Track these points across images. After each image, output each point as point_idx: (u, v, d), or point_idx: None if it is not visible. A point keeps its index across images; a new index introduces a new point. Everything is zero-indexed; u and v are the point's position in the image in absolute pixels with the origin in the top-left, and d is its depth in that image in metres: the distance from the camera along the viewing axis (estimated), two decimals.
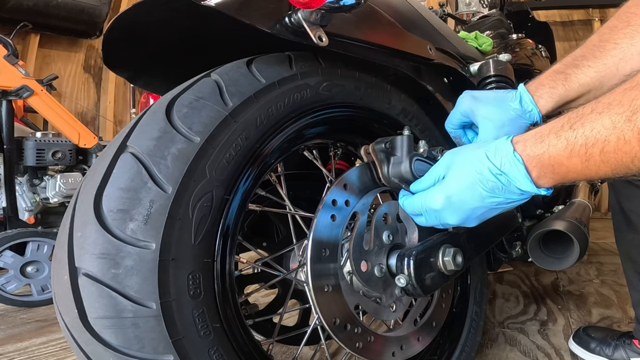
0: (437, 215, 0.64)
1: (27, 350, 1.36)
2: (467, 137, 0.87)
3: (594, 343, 1.18)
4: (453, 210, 0.62)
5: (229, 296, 0.62)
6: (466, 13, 2.11)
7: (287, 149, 0.72)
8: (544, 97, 0.77)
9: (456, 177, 0.61)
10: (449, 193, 0.62)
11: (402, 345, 0.78)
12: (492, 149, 0.58)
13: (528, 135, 0.57)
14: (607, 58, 0.72)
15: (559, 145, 0.52)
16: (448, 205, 0.62)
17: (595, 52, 0.74)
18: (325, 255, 0.67)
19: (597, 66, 0.73)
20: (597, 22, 3.79)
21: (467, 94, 0.81)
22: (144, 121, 0.58)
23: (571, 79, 0.76)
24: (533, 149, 0.55)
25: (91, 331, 0.51)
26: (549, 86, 0.77)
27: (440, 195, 0.62)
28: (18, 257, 1.73)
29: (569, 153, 0.51)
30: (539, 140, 0.55)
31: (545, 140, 0.54)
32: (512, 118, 0.77)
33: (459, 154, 0.63)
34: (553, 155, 0.53)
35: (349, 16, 0.72)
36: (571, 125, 0.52)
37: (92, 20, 3.74)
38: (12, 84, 1.78)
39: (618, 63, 0.71)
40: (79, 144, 1.96)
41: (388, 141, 0.71)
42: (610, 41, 0.72)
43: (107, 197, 0.53)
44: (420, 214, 0.67)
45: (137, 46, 0.76)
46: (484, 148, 0.59)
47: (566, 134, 0.52)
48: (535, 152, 0.55)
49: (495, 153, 0.58)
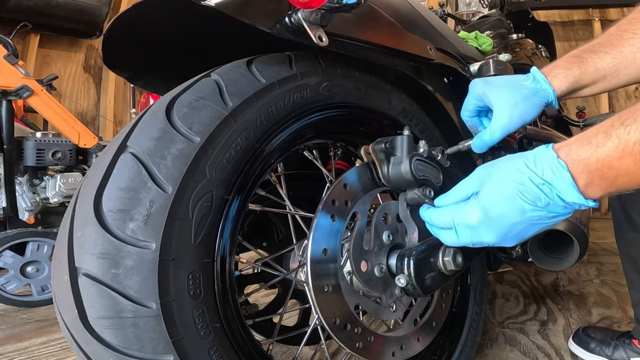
0: (472, 233, 0.59)
1: (27, 350, 1.36)
2: (483, 125, 0.84)
3: (593, 343, 1.18)
4: (491, 227, 0.56)
5: (229, 296, 0.62)
6: (466, 13, 2.11)
7: (287, 149, 0.72)
8: (558, 77, 0.76)
9: (493, 189, 0.56)
10: (486, 206, 0.56)
11: (402, 345, 0.78)
12: (532, 157, 0.53)
13: (572, 140, 0.52)
14: (624, 46, 0.72)
15: (608, 145, 0.47)
16: (485, 221, 0.56)
17: (612, 40, 0.74)
18: (325, 255, 0.67)
19: (614, 53, 0.73)
20: (597, 22, 3.79)
21: (478, 80, 0.80)
22: (144, 121, 0.58)
23: (587, 63, 0.75)
24: (579, 152, 0.50)
25: (91, 331, 0.51)
26: (564, 67, 0.76)
27: (477, 209, 0.57)
28: (18, 257, 1.73)
29: (620, 152, 0.47)
30: (586, 142, 0.50)
31: (592, 141, 0.49)
32: (525, 96, 0.75)
33: (494, 166, 0.58)
34: (602, 157, 0.48)
35: (349, 16, 0.72)
36: (622, 121, 0.47)
37: (92, 20, 3.74)
38: (12, 84, 1.78)
39: (635, 52, 0.71)
40: (79, 144, 1.96)
41: (388, 141, 0.71)
42: (628, 31, 0.72)
43: (107, 197, 0.53)
44: (451, 227, 0.61)
45: (137, 46, 0.76)
46: (522, 158, 0.54)
47: (617, 131, 0.47)
48: (581, 156, 0.49)
49: (536, 161, 0.52)
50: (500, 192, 0.54)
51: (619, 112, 0.49)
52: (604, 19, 3.79)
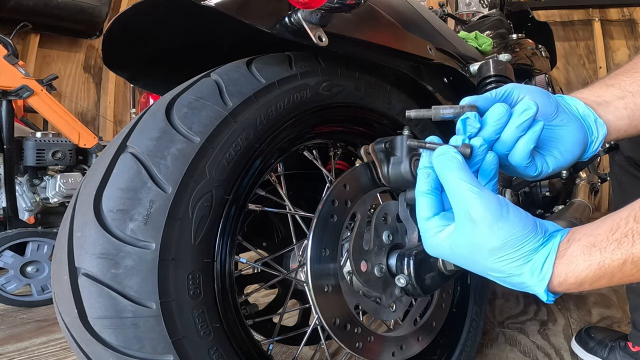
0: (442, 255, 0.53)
1: (27, 350, 1.36)
2: None
3: (592, 342, 1.18)
4: (454, 260, 0.52)
5: (229, 296, 0.62)
6: (466, 13, 2.11)
7: (287, 149, 0.72)
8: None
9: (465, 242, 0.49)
10: (453, 247, 0.50)
11: (402, 345, 0.78)
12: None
13: (576, 249, 0.45)
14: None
15: (617, 255, 0.43)
16: (451, 256, 0.51)
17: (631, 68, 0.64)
18: (325, 255, 0.67)
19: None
20: (597, 22, 3.78)
21: None
22: (144, 121, 0.58)
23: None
24: (577, 266, 0.45)
25: (91, 331, 0.51)
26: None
27: (445, 241, 0.50)
28: (18, 257, 1.73)
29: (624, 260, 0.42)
30: (592, 249, 0.44)
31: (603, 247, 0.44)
32: None
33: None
34: (606, 264, 0.43)
35: (349, 16, 0.72)
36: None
37: (92, 20, 3.73)
38: (12, 84, 1.78)
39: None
40: (79, 144, 1.96)
41: (388, 141, 0.71)
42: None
43: (107, 197, 0.53)
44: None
45: (137, 46, 0.76)
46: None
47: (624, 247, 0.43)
48: (577, 270, 0.45)
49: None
50: (470, 247, 0.48)
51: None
52: (604, 19, 3.79)
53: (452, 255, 0.50)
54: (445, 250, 0.50)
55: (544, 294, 0.46)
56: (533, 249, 0.46)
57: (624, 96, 0.60)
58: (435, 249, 0.51)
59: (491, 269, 0.48)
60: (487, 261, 0.47)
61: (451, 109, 0.53)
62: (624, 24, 3.79)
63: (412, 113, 0.56)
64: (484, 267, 0.48)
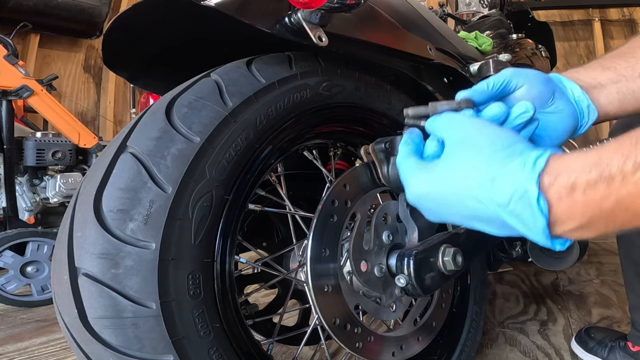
0: (417, 200, 0.51)
1: (27, 350, 1.36)
2: None
3: (592, 342, 1.18)
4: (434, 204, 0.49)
5: (229, 296, 0.62)
6: (466, 13, 2.11)
7: (287, 149, 0.72)
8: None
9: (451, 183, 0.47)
10: (434, 192, 0.48)
11: (402, 345, 0.78)
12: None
13: (573, 162, 0.41)
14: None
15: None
16: (427, 197, 0.50)
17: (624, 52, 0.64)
18: (325, 255, 0.67)
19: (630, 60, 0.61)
20: (597, 22, 3.79)
21: None
22: (144, 121, 0.58)
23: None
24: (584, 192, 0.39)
25: (91, 331, 0.51)
26: None
27: (424, 183, 0.49)
28: (18, 257, 1.73)
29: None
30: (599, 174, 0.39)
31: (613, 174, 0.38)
32: None
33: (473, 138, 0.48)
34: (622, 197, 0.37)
35: (349, 16, 0.72)
36: None
37: (92, 20, 3.74)
38: (12, 84, 1.78)
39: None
40: (79, 144, 1.96)
41: (388, 141, 0.71)
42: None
43: (107, 197, 0.53)
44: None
45: (137, 46, 0.76)
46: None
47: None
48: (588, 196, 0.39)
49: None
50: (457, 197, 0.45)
51: None
52: (604, 19, 3.79)
53: (434, 190, 0.48)
54: (429, 186, 0.48)
55: (536, 192, 0.40)
56: (526, 146, 0.44)
57: (619, 80, 0.61)
58: (418, 185, 0.49)
59: (475, 190, 0.44)
60: (472, 176, 0.44)
61: (448, 105, 0.54)
62: (624, 24, 3.79)
63: (410, 111, 0.57)
64: (467, 195, 0.45)
